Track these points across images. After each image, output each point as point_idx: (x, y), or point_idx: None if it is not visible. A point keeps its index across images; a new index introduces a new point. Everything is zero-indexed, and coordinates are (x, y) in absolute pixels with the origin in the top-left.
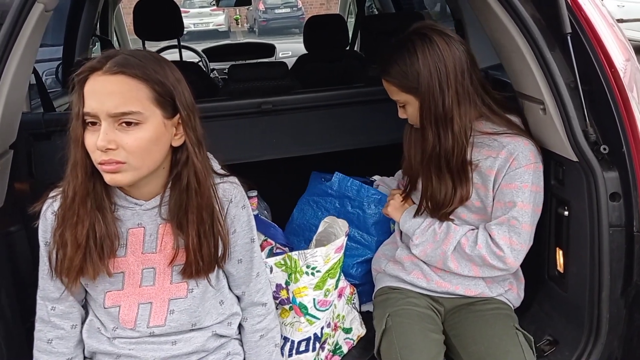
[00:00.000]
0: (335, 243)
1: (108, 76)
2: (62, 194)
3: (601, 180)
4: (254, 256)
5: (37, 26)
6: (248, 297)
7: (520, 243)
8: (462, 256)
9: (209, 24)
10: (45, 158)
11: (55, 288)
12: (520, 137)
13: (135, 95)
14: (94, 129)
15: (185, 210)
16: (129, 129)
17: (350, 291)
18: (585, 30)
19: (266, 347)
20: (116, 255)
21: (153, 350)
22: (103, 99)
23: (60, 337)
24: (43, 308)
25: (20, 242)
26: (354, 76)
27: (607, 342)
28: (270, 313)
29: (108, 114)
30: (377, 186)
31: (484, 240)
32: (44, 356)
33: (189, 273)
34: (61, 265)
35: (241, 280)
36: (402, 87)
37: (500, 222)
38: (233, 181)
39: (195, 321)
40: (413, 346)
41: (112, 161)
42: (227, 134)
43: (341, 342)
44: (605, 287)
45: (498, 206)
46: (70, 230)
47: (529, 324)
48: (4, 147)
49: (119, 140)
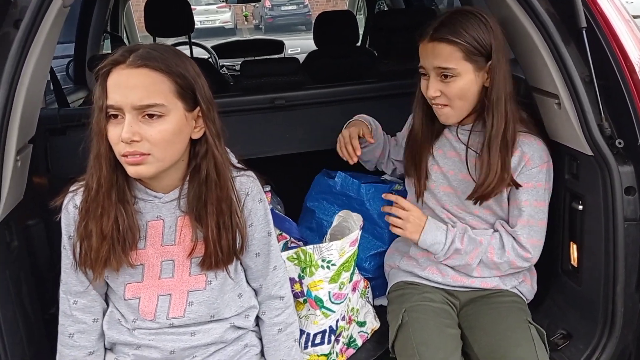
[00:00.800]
0: (350, 236)
1: (132, 69)
2: (85, 187)
3: (616, 174)
4: (271, 250)
5: (55, 22)
6: (265, 290)
7: (540, 239)
8: (487, 265)
9: (215, 21)
10: (61, 153)
11: (78, 281)
12: (532, 136)
13: (159, 88)
14: (117, 122)
15: (204, 203)
16: (152, 121)
17: (364, 285)
18: (600, 25)
19: (285, 342)
20: (137, 248)
21: (172, 341)
22: (127, 92)
23: (82, 331)
24: (65, 302)
25: (39, 235)
26: (365, 72)
27: (622, 336)
28: (288, 307)
29: (132, 106)
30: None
31: (510, 246)
32: (67, 350)
33: (208, 264)
34: (85, 257)
35: (259, 274)
36: (469, 52)
37: (523, 224)
38: (250, 175)
39: (213, 313)
40: (430, 342)
41: (136, 153)
42: (241, 129)
43: (355, 335)
44: (620, 281)
45: (514, 205)
46: (95, 222)
47: (542, 318)
48: (24, 142)
49: (142, 132)
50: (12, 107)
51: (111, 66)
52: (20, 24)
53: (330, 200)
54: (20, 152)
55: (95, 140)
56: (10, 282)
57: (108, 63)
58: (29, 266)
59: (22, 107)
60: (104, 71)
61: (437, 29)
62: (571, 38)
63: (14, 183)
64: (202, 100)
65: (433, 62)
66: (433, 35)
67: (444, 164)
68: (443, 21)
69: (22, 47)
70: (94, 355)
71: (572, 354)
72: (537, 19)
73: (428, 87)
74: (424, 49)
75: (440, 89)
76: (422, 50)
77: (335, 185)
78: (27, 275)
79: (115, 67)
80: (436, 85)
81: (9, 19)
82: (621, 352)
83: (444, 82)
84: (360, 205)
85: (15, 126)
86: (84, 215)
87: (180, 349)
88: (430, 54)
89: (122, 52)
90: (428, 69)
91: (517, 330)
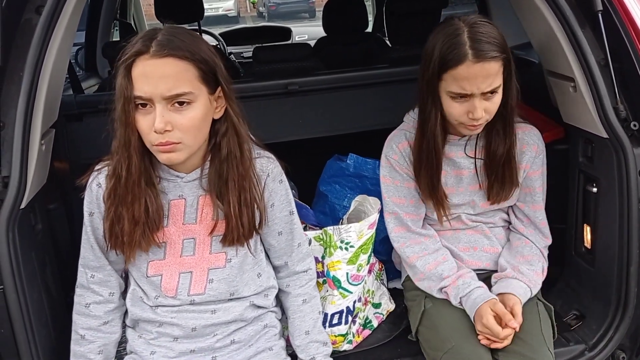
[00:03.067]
0: (369, 219)
1: (157, 59)
2: (113, 173)
3: (631, 156)
4: (294, 228)
5: (76, 8)
6: (291, 267)
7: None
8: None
9: (218, 9)
10: (78, 138)
11: (95, 257)
12: (527, 125)
13: (185, 76)
14: (146, 111)
15: (225, 180)
16: (182, 109)
17: (379, 267)
18: (616, 8)
19: (310, 314)
20: (162, 227)
21: (194, 318)
22: (156, 82)
23: (98, 302)
24: (83, 275)
25: (60, 220)
26: (375, 58)
27: (635, 316)
28: (312, 279)
29: (162, 96)
30: None
31: (543, 245)
32: (83, 318)
33: (230, 240)
34: (117, 240)
35: (282, 251)
36: (507, 63)
37: (541, 209)
38: (270, 156)
39: (233, 290)
40: (458, 327)
41: (169, 142)
42: (254, 114)
43: (371, 317)
44: (634, 261)
45: (528, 191)
46: (127, 209)
47: (555, 299)
48: (47, 126)
49: (173, 121)
50: (37, 92)
51: (135, 57)
52: (42, 10)
53: (342, 183)
54: (44, 136)
55: (122, 130)
56: (36, 263)
57: (132, 55)
58: (52, 249)
59: (46, 93)
60: (127, 62)
61: (477, 47)
62: (587, 21)
63: (39, 167)
64: (223, 80)
65: (483, 84)
66: (478, 55)
67: (452, 183)
68: (475, 38)
69: (45, 33)
70: (108, 325)
71: (585, 334)
72: (553, 2)
73: (473, 110)
74: (467, 72)
75: (485, 107)
76: (461, 74)
77: (348, 167)
78: (50, 257)
79: (138, 58)
80: (482, 104)
81: (30, 5)
82: (634, 332)
83: (487, 100)
84: (375, 185)
85: (40, 111)
86: (114, 201)
87: (201, 326)
88: (479, 76)
89: (144, 41)
90: (473, 91)
91: (524, 305)
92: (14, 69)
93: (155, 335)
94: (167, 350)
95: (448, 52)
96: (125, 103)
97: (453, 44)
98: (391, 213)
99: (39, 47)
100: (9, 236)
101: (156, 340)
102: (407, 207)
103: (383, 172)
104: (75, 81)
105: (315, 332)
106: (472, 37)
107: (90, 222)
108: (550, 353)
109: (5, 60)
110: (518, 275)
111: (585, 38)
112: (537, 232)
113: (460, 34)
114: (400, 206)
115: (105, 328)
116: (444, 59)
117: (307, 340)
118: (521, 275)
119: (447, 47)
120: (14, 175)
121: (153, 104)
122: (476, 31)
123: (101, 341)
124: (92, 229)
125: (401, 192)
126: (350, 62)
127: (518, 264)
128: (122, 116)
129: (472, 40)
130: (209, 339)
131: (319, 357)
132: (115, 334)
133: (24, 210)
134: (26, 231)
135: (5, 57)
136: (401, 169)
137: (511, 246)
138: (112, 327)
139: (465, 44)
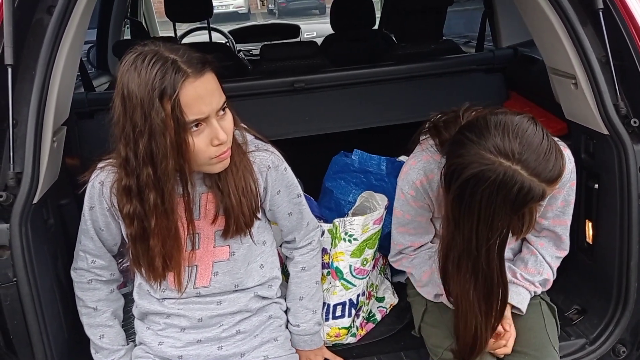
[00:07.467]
0: (373, 215)
1: (201, 78)
2: (146, 201)
3: (631, 153)
4: (302, 208)
5: (86, 8)
6: (299, 242)
7: None
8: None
9: (229, 6)
10: (89, 136)
11: (95, 247)
12: (562, 144)
13: (218, 85)
14: (199, 131)
15: (225, 173)
16: (224, 115)
17: (382, 262)
18: (617, 6)
19: (308, 281)
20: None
21: (200, 309)
22: (210, 99)
23: (99, 280)
24: (84, 260)
25: (71, 215)
26: (382, 56)
27: (635, 311)
28: (313, 250)
29: (216, 111)
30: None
31: (546, 269)
32: (88, 293)
33: (233, 231)
34: (154, 271)
35: (293, 228)
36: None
37: (566, 225)
38: (267, 149)
39: (237, 282)
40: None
41: (227, 150)
42: (261, 111)
43: (375, 311)
44: (634, 256)
45: (550, 208)
46: (162, 238)
47: (557, 294)
48: (59, 124)
49: (224, 128)
50: (49, 90)
51: (175, 86)
52: (53, 10)
53: (347, 179)
54: (56, 133)
55: (171, 161)
56: (48, 257)
57: (171, 85)
58: (64, 243)
59: (58, 91)
60: (168, 94)
61: (545, 175)
62: (588, 19)
63: (51, 163)
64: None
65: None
66: (551, 185)
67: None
68: (541, 161)
69: (56, 32)
70: (114, 293)
71: (587, 328)
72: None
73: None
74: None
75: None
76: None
77: (353, 163)
78: (62, 251)
79: (183, 84)
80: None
81: (42, 4)
82: (634, 327)
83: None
84: (380, 180)
85: (52, 109)
86: (144, 236)
87: (207, 317)
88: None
89: (174, 69)
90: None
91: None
92: (26, 67)
93: (163, 327)
94: (175, 341)
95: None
96: (181, 132)
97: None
98: (396, 244)
99: (51, 47)
100: (22, 230)
101: (164, 331)
102: (412, 237)
103: (396, 204)
104: (86, 79)
105: (307, 299)
106: (539, 159)
107: (90, 215)
108: (555, 352)
109: (18, 59)
110: (515, 280)
111: (586, 35)
112: (550, 244)
113: (528, 152)
114: (404, 236)
115: (112, 296)
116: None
117: (297, 305)
118: (518, 281)
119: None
120: (27, 171)
121: (205, 120)
122: (535, 149)
123: (112, 307)
124: (92, 222)
125: (410, 224)
126: (356, 60)
127: (518, 271)
128: (175, 148)
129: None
130: (215, 329)
131: (303, 325)
132: (121, 299)
133: (37, 205)
134: (39, 225)
135: (18, 56)
136: (416, 204)
137: (519, 254)
138: (117, 295)
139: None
